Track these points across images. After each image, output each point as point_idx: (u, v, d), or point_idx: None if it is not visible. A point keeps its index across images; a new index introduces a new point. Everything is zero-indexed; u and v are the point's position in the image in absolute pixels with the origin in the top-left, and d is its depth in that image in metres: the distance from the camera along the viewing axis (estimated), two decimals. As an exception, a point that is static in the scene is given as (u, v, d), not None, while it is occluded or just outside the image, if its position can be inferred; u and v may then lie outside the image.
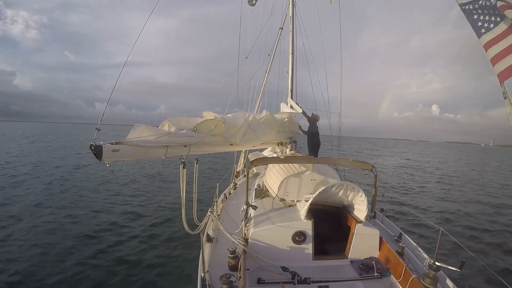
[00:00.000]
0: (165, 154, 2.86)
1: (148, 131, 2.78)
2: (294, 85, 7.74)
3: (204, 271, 2.91)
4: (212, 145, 3.56)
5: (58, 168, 17.56)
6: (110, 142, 2.41)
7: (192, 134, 3.14)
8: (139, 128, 2.75)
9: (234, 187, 7.05)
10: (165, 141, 2.82)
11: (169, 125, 3.14)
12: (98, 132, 2.33)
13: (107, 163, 2.44)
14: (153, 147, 2.71)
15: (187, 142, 3.06)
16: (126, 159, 2.57)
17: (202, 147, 3.36)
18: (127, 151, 2.50)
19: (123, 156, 2.48)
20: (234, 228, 3.92)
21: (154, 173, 17.58)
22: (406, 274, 3.16)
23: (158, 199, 11.23)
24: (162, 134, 2.85)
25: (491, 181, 22.87)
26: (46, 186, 12.66)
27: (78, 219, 8.55)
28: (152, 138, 2.73)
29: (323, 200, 4.08)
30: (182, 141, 3.00)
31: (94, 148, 2.30)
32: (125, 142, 2.51)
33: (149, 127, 2.84)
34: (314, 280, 3.11)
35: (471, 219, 10.85)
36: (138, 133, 2.71)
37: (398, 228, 4.64)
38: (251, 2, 8.38)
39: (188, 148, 3.10)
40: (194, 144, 3.14)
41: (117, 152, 2.41)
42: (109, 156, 2.38)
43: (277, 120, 5.18)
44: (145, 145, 2.63)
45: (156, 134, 2.79)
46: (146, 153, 2.69)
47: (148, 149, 2.68)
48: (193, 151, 3.19)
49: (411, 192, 15.71)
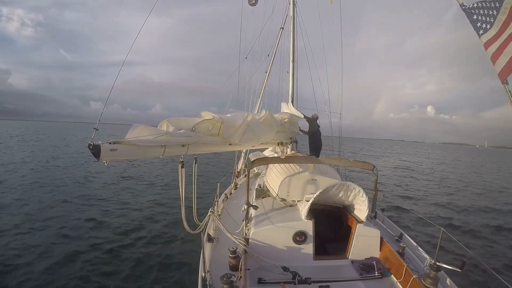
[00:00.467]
0: (163, 153, 2.87)
1: (146, 130, 2.80)
2: (295, 86, 7.75)
3: (205, 271, 2.91)
4: (210, 145, 3.57)
5: (57, 167, 17.61)
6: (108, 142, 2.43)
7: (190, 134, 3.15)
8: (138, 128, 2.77)
9: (235, 187, 7.05)
10: (163, 140, 2.83)
11: (168, 125, 3.16)
12: (91, 131, 2.34)
13: (105, 162, 2.46)
14: (150, 146, 2.73)
15: (185, 142, 3.07)
16: (124, 159, 2.60)
17: (200, 147, 3.37)
18: (125, 150, 2.52)
19: (121, 155, 2.50)
20: (235, 228, 3.92)
21: (153, 173, 17.59)
22: (407, 274, 3.16)
23: (158, 199, 11.24)
24: (160, 134, 2.88)
25: (491, 182, 22.84)
26: (45, 186, 12.70)
27: (73, 220, 8.56)
28: (150, 138, 2.75)
29: (324, 200, 4.08)
30: (180, 140, 3.01)
31: (92, 147, 2.32)
32: (123, 142, 2.53)
33: (148, 127, 2.86)
34: (315, 280, 3.10)
35: (472, 219, 10.84)
36: (137, 133, 2.73)
37: (398, 228, 4.64)
38: (252, 2, 8.38)
39: (186, 148, 3.12)
40: (192, 144, 3.15)
41: (115, 152, 2.44)
42: (107, 156, 2.40)
43: (276, 120, 5.18)
44: (143, 145, 2.65)
45: (154, 134, 2.82)
46: (144, 153, 2.71)
47: (146, 149, 2.70)
48: (191, 151, 3.21)
49: (411, 193, 15.70)
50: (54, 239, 7.04)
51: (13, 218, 8.28)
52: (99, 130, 2.33)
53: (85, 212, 9.24)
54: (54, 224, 7.98)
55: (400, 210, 10.89)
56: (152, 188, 13.43)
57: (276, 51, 8.60)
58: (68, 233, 7.44)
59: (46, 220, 8.27)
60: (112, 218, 8.78)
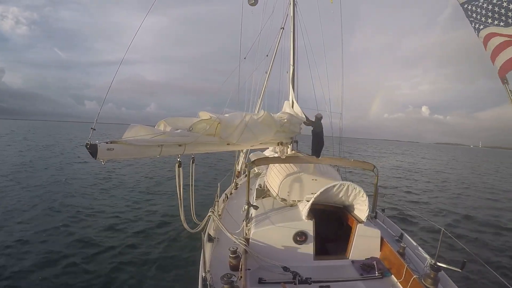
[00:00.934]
0: (160, 153, 2.90)
1: (143, 130, 2.84)
2: (295, 86, 7.74)
3: (205, 271, 2.92)
4: (208, 145, 3.57)
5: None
6: (105, 141, 2.48)
7: (187, 133, 3.16)
8: (135, 127, 2.81)
9: (235, 187, 7.05)
10: (160, 140, 2.86)
11: (165, 125, 3.18)
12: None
13: (102, 161, 2.50)
14: (147, 146, 2.76)
15: (181, 142, 3.09)
16: (121, 158, 2.64)
17: (197, 147, 3.38)
18: (122, 149, 2.56)
19: (118, 154, 2.54)
20: (235, 228, 3.92)
21: (152, 174, 17.59)
22: (407, 274, 3.16)
23: (158, 199, 11.24)
24: (157, 133, 2.91)
25: (488, 182, 22.83)
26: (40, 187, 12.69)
27: (74, 221, 8.56)
28: (147, 138, 2.78)
29: (324, 200, 4.08)
30: (176, 140, 3.03)
31: (89, 147, 2.37)
32: (119, 141, 2.56)
33: (145, 126, 2.90)
34: (315, 280, 3.10)
35: (472, 219, 10.83)
36: (134, 132, 2.77)
37: (399, 228, 4.64)
38: (251, 2, 8.36)
39: (183, 148, 3.14)
40: (189, 144, 3.16)
41: (111, 151, 2.48)
42: (104, 155, 2.45)
43: (275, 120, 5.17)
44: (140, 144, 2.68)
45: (151, 133, 2.85)
46: (140, 152, 2.74)
47: (143, 148, 2.73)
48: (188, 151, 3.22)
49: (411, 193, 15.69)
50: (50, 236, 7.06)
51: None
52: (88, 129, 2.38)
53: (81, 212, 9.25)
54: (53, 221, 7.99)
55: (400, 210, 10.88)
56: (152, 188, 13.44)
57: (276, 51, 8.59)
58: (57, 236, 7.45)
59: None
60: (111, 218, 8.78)
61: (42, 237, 7.11)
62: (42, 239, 6.97)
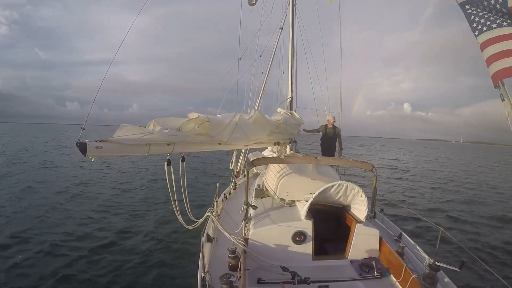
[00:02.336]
0: (148, 151, 2.97)
1: (133, 130, 2.93)
2: (294, 86, 7.75)
3: (204, 271, 2.91)
4: (198, 144, 3.58)
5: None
6: (94, 140, 2.62)
7: (176, 133, 3.21)
8: (125, 127, 2.90)
9: (234, 187, 7.05)
10: (148, 139, 2.94)
11: (155, 125, 3.24)
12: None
13: (92, 159, 2.63)
14: (135, 145, 2.85)
15: (170, 141, 3.13)
16: (109, 155, 2.74)
17: (187, 146, 3.40)
18: (110, 148, 2.66)
19: (106, 152, 2.64)
20: (234, 228, 3.92)
21: (150, 174, 17.58)
22: (406, 274, 3.16)
23: (155, 200, 11.22)
24: (146, 133, 2.99)
25: (484, 179, 22.89)
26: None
27: (69, 220, 8.54)
28: (135, 137, 2.87)
29: (323, 200, 4.08)
30: (165, 139, 3.08)
31: (79, 145, 2.50)
32: (108, 140, 2.67)
33: (134, 126, 3.00)
34: (314, 280, 3.10)
35: (471, 219, 10.85)
36: (124, 132, 2.86)
37: (398, 228, 4.64)
38: (252, 2, 8.38)
39: (172, 147, 3.18)
40: (178, 143, 3.20)
41: (100, 149, 2.60)
42: (93, 152, 2.56)
43: (268, 120, 5.16)
44: (128, 143, 2.77)
45: (140, 133, 2.95)
46: (128, 150, 2.82)
47: (131, 147, 2.82)
48: (177, 150, 3.26)
49: (409, 192, 15.71)
50: (49, 236, 7.04)
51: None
52: (84, 129, 2.51)
53: (75, 212, 9.23)
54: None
55: (399, 210, 10.89)
56: (152, 188, 13.42)
57: (275, 51, 8.60)
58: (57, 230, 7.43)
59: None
60: (109, 218, 8.77)
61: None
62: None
